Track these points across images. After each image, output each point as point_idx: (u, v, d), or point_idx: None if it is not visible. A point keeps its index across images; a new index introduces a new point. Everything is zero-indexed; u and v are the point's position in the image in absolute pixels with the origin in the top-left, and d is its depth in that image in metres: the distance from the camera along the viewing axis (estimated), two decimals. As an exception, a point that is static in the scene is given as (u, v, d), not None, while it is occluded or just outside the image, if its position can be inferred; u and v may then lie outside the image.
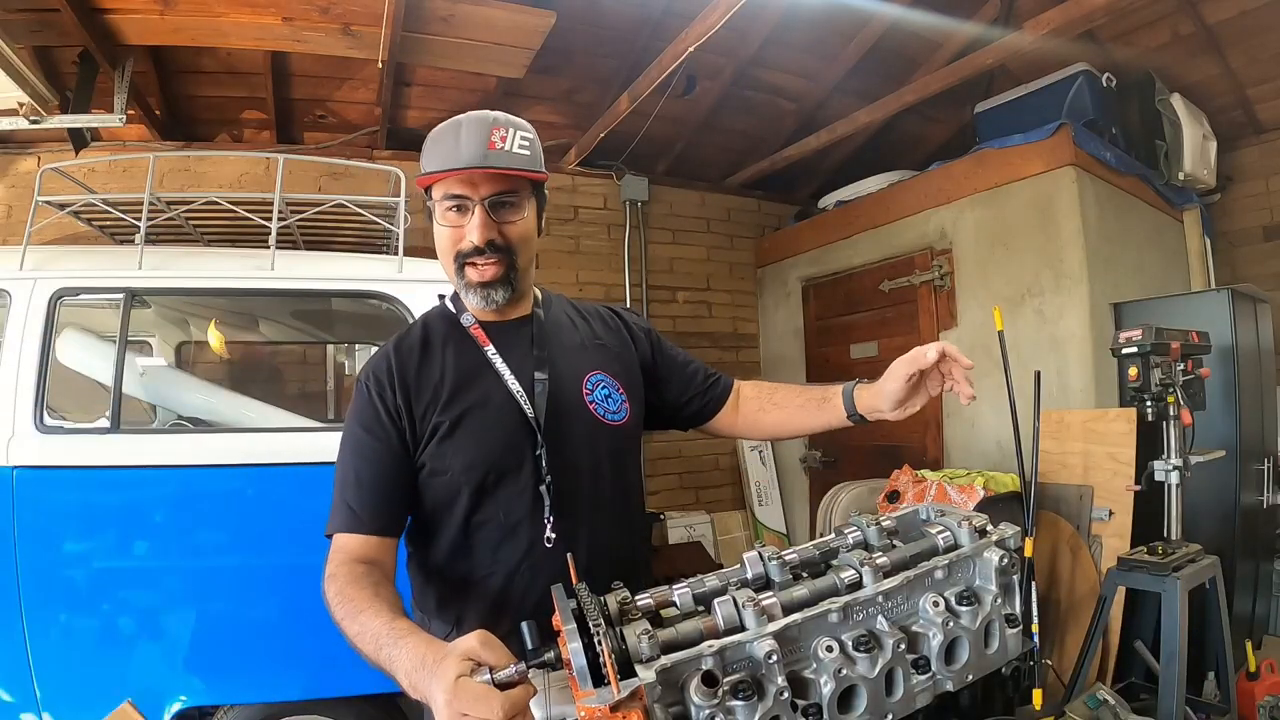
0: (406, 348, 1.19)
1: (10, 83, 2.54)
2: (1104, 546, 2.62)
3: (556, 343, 1.23)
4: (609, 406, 1.21)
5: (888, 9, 3.37)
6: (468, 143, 1.07)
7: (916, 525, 1.01)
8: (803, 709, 0.74)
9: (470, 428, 1.12)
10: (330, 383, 3.80)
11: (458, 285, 1.17)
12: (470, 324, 1.20)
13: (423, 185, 1.14)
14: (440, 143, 1.11)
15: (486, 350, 1.18)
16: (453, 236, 1.12)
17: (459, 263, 1.13)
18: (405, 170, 2.45)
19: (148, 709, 1.87)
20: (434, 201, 1.13)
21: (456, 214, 1.11)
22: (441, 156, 1.09)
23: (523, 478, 1.12)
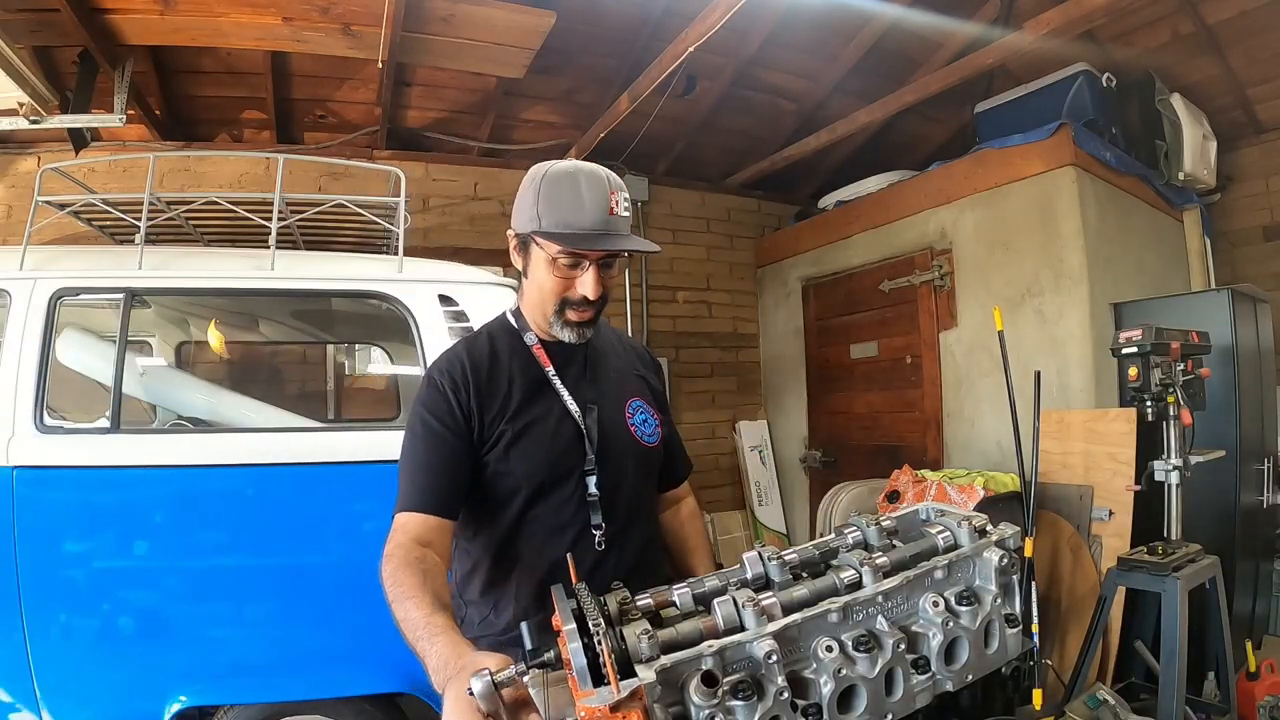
0: (479, 355, 1.28)
1: (10, 83, 2.54)
2: (1104, 546, 2.62)
3: (605, 368, 1.37)
4: (645, 430, 1.35)
5: (888, 9, 3.37)
6: (591, 207, 1.16)
7: (916, 525, 1.01)
8: (802, 709, 0.74)
9: (533, 438, 1.24)
10: (330, 383, 3.80)
11: (553, 319, 1.26)
12: (533, 343, 1.31)
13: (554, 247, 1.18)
14: (559, 198, 1.17)
15: (548, 370, 1.29)
16: (563, 285, 1.22)
17: (560, 306, 1.24)
18: (405, 170, 2.45)
19: (148, 709, 1.87)
20: (542, 250, 1.20)
21: (569, 268, 1.20)
22: (563, 213, 1.16)
23: (573, 486, 1.25)
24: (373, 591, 2.01)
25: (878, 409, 4.11)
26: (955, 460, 3.53)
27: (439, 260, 2.49)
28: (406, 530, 1.15)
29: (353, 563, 2.00)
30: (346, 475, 2.01)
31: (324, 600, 1.98)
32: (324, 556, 1.99)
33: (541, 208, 1.17)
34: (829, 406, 4.50)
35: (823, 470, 4.50)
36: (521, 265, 1.28)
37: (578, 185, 1.16)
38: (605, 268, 1.22)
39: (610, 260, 1.22)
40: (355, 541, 2.00)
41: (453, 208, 4.15)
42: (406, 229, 2.37)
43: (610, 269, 1.23)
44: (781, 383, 4.86)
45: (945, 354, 3.61)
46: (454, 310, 2.15)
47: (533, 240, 1.20)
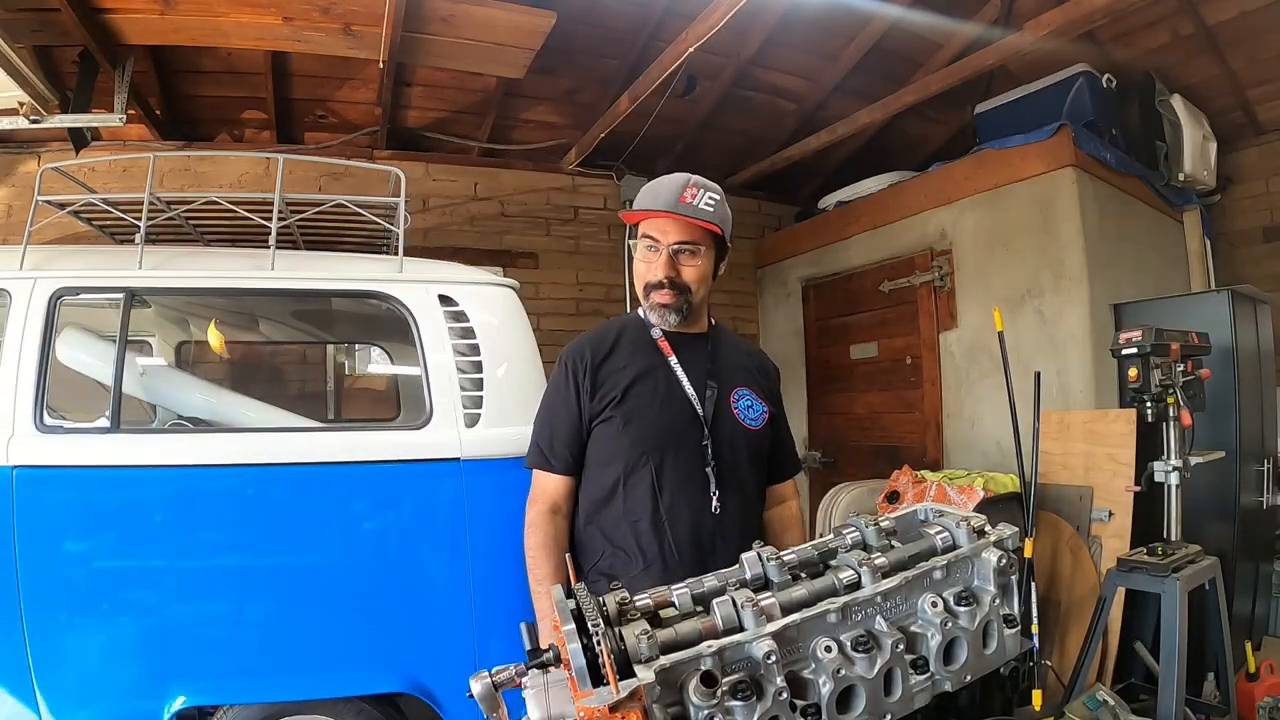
0: (602, 343, 1.52)
1: (10, 82, 2.54)
2: (1104, 547, 2.62)
3: (720, 363, 1.56)
4: (750, 415, 1.53)
5: (888, 9, 3.37)
6: (665, 193, 1.39)
7: (915, 526, 1.02)
8: (801, 709, 0.74)
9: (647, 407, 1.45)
10: (330, 383, 3.80)
11: (646, 306, 1.51)
12: (658, 336, 1.52)
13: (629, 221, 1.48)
14: (647, 191, 1.44)
15: (670, 359, 1.50)
16: (645, 269, 1.46)
17: (646, 289, 1.47)
18: (405, 170, 2.45)
19: (148, 708, 1.87)
20: (634, 237, 1.46)
21: (649, 252, 1.44)
22: (643, 200, 1.43)
23: (692, 458, 1.45)
24: (372, 592, 2.02)
25: (877, 409, 4.11)
26: (955, 461, 3.53)
27: (439, 260, 2.49)
28: (545, 493, 1.49)
29: (353, 563, 2.00)
30: (346, 475, 2.00)
31: (324, 600, 1.97)
32: (324, 556, 1.98)
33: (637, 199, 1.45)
34: (829, 407, 4.50)
35: (822, 471, 4.50)
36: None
37: (660, 180, 1.42)
38: (678, 254, 1.41)
39: (686, 248, 1.41)
40: (355, 541, 2.00)
41: (453, 208, 4.15)
42: (406, 229, 2.37)
43: (687, 257, 1.42)
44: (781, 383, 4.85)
45: (945, 354, 3.61)
46: (454, 310, 2.15)
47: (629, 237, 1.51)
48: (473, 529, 2.03)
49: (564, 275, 4.38)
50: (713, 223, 1.41)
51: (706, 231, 1.43)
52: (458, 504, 2.03)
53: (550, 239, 4.37)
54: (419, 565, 2.04)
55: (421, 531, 2.05)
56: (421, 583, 2.04)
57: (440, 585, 2.04)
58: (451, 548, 2.03)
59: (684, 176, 1.42)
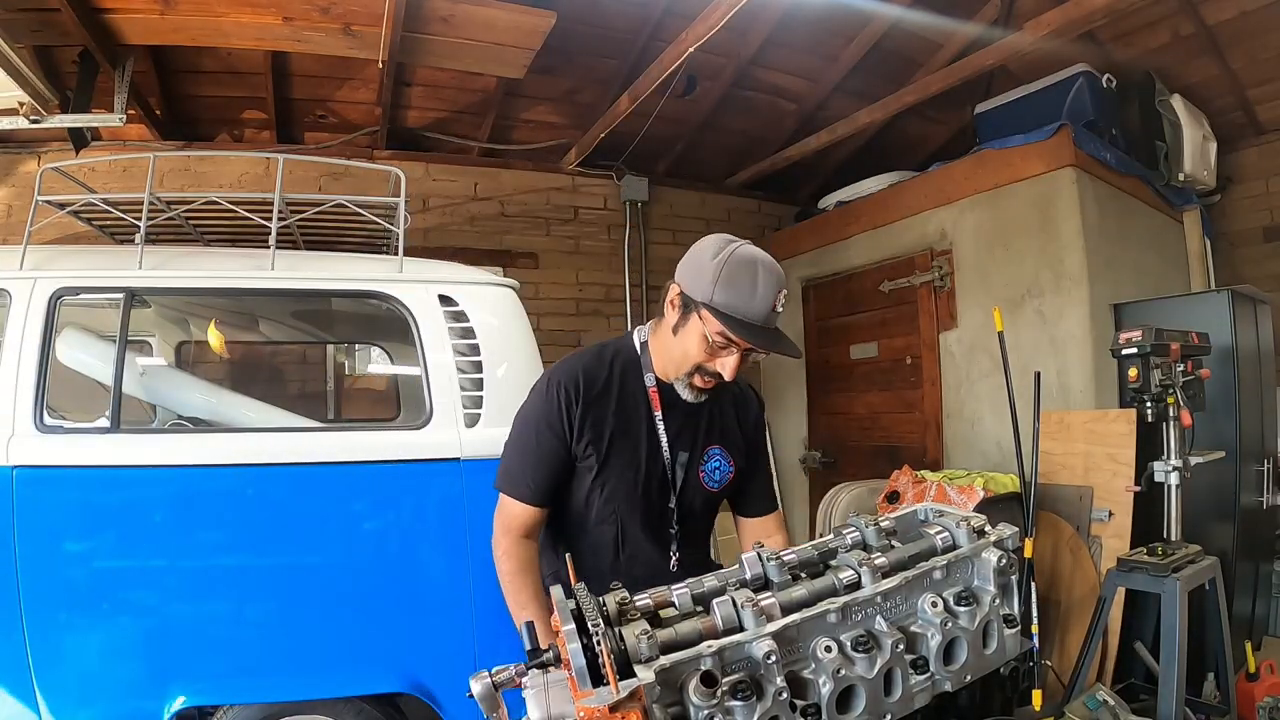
0: (594, 379, 1.44)
1: (10, 82, 2.54)
2: (1104, 547, 2.62)
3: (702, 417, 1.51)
4: (714, 477, 1.52)
5: (888, 9, 3.37)
6: (762, 301, 1.28)
7: (915, 526, 1.02)
8: (801, 709, 0.74)
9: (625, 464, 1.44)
10: (330, 383, 3.80)
11: (680, 375, 1.42)
12: (650, 385, 1.47)
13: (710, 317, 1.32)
14: (738, 283, 1.29)
15: (656, 414, 1.46)
16: (706, 355, 1.36)
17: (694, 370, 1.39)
18: (405, 170, 2.45)
19: (148, 708, 1.87)
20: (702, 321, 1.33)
21: (720, 348, 1.34)
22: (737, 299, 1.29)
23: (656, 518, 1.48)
24: (372, 592, 2.02)
25: (877, 410, 4.11)
26: (955, 461, 3.53)
27: (439, 260, 2.49)
28: (516, 519, 1.42)
29: (353, 563, 2.00)
30: (346, 475, 2.01)
31: (324, 600, 1.98)
32: (324, 556, 1.99)
33: (719, 286, 1.29)
34: (829, 407, 4.50)
35: (822, 471, 4.50)
36: (673, 321, 1.40)
37: (755, 277, 1.29)
38: (746, 355, 1.36)
39: (751, 353, 1.36)
40: (355, 541, 2.01)
41: (453, 208, 4.15)
42: (406, 229, 2.37)
43: (749, 357, 1.38)
44: (781, 383, 4.86)
45: (945, 355, 3.61)
46: (454, 310, 2.15)
47: (697, 309, 1.33)
48: (473, 529, 2.03)
49: (564, 275, 4.38)
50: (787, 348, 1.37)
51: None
52: (458, 504, 2.03)
53: (550, 239, 4.37)
54: (419, 565, 2.05)
55: (421, 531, 2.05)
56: (421, 583, 2.04)
57: (440, 585, 2.04)
58: (451, 548, 2.03)
59: (777, 276, 1.31)
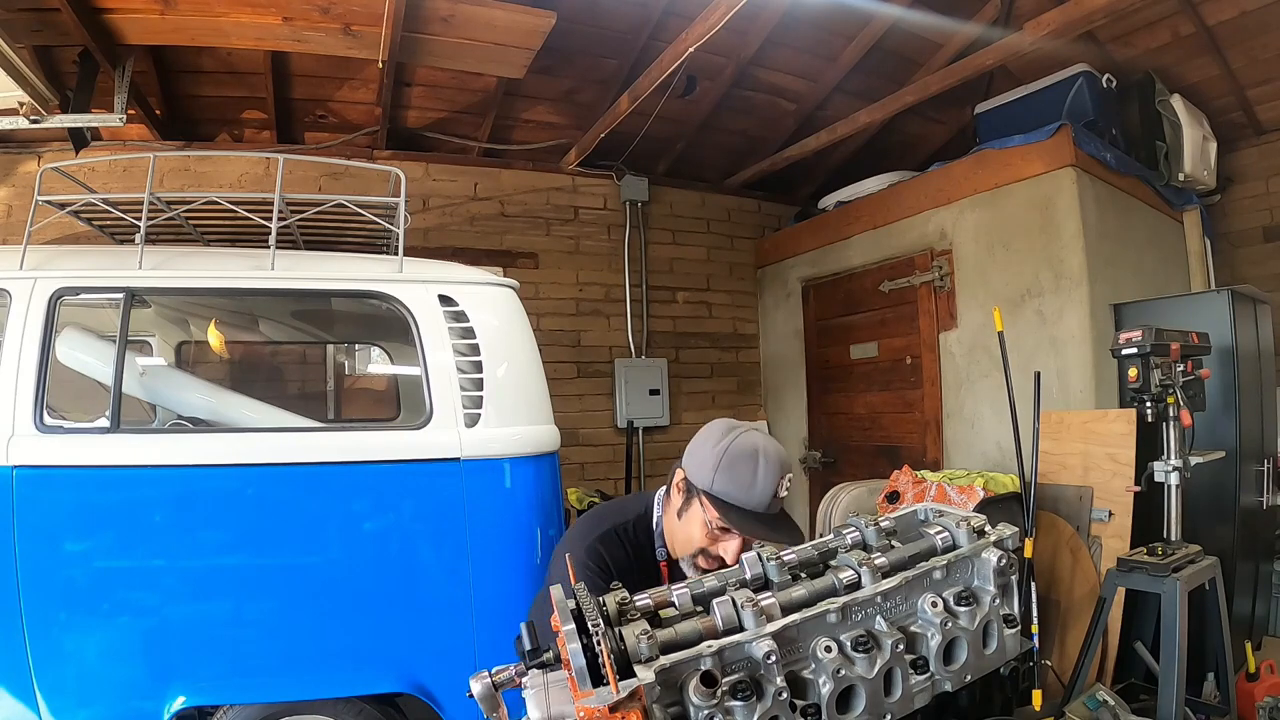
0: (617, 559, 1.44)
1: (10, 82, 2.53)
2: (1104, 547, 2.62)
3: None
4: None
5: (888, 9, 3.37)
6: (761, 491, 1.32)
7: (915, 526, 1.02)
8: (801, 709, 0.74)
9: None
10: (330, 383, 3.80)
11: (684, 560, 1.44)
12: (662, 559, 1.49)
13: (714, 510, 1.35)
14: (737, 474, 1.33)
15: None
16: (708, 540, 1.38)
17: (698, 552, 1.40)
18: (405, 170, 2.45)
19: (148, 708, 1.87)
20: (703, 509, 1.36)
21: (721, 533, 1.36)
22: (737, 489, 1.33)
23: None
24: (372, 592, 2.02)
25: (877, 410, 4.11)
26: (955, 461, 3.53)
27: (439, 260, 2.49)
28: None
29: (353, 563, 2.00)
30: (346, 475, 2.01)
31: (324, 600, 1.98)
32: (324, 557, 1.99)
33: (720, 474, 1.34)
34: (829, 407, 4.50)
35: (822, 471, 4.50)
36: (679, 504, 1.43)
37: (755, 466, 1.33)
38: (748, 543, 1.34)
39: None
40: (355, 542, 2.01)
41: (453, 208, 4.15)
42: (406, 229, 2.37)
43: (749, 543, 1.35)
44: (781, 383, 4.86)
45: (945, 355, 3.62)
46: (454, 310, 2.15)
47: (699, 496, 1.37)
48: (472, 529, 2.03)
49: (564, 275, 4.38)
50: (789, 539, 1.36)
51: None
52: (458, 504, 2.03)
53: (550, 239, 4.37)
54: (419, 565, 2.05)
55: (421, 532, 2.05)
56: (421, 583, 2.04)
57: (440, 585, 2.04)
58: (451, 548, 2.04)
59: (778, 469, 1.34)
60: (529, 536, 2.09)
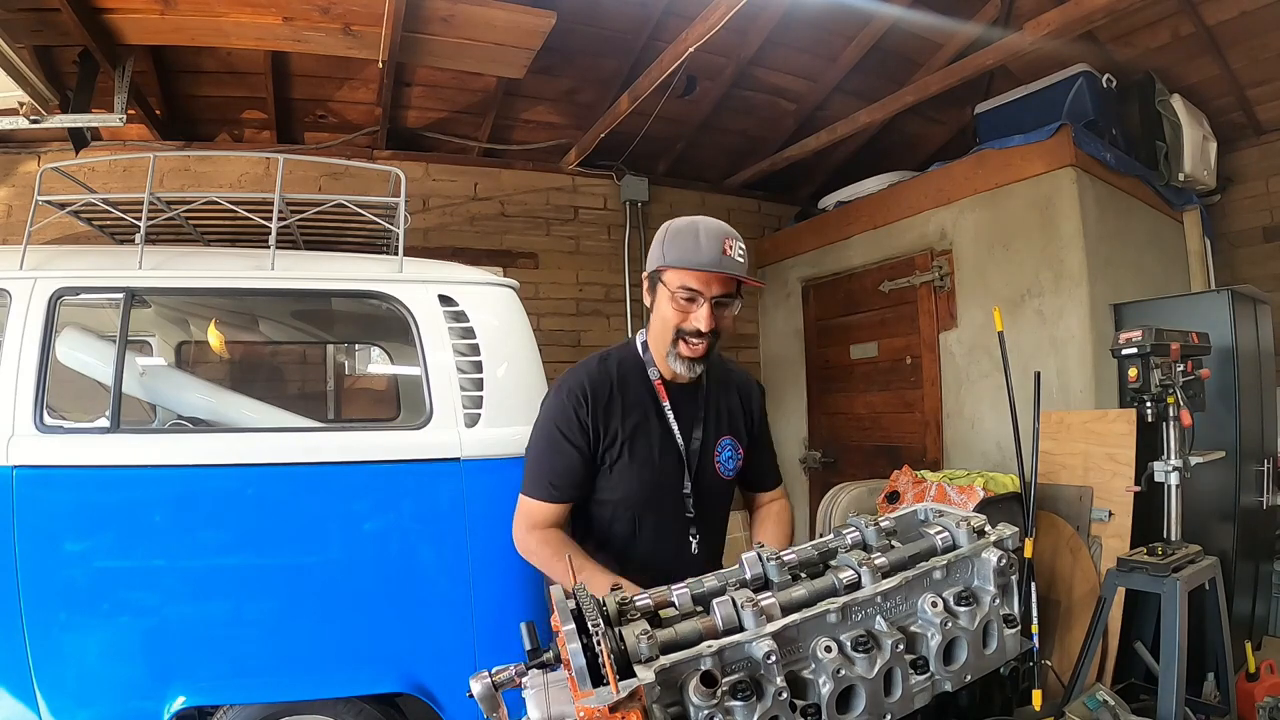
0: (600, 380, 1.51)
1: (10, 82, 2.54)
2: (1104, 547, 2.61)
3: (712, 408, 1.59)
4: (728, 466, 1.60)
5: (888, 9, 3.37)
6: (707, 248, 1.37)
7: (915, 526, 1.02)
8: (801, 709, 0.74)
9: (641, 461, 1.49)
10: (330, 383, 3.80)
11: (668, 352, 1.48)
12: (655, 378, 1.53)
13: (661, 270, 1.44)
14: (681, 240, 1.41)
15: (664, 405, 1.53)
16: (680, 317, 1.43)
17: (677, 336, 1.45)
18: (405, 170, 2.45)
19: (148, 709, 1.87)
20: (666, 286, 1.43)
21: (687, 302, 1.41)
22: (683, 252, 1.39)
23: (675, 503, 1.52)
24: (372, 592, 2.02)
25: (877, 409, 4.11)
26: (955, 461, 3.53)
27: (439, 260, 2.49)
28: (539, 517, 1.48)
29: (352, 563, 2.00)
30: (346, 475, 2.01)
31: (324, 600, 1.98)
32: (324, 556, 1.99)
33: (666, 249, 1.41)
34: (829, 407, 4.50)
35: (822, 471, 4.50)
36: (649, 302, 1.50)
37: (696, 231, 1.39)
38: (719, 306, 1.42)
39: (724, 300, 1.42)
40: (355, 541, 2.01)
41: (453, 208, 4.15)
42: (406, 229, 2.37)
43: (724, 309, 1.43)
44: (781, 383, 4.86)
45: (945, 354, 3.61)
46: (454, 310, 2.15)
47: (659, 279, 1.43)
48: (472, 529, 2.03)
49: (564, 275, 4.38)
50: (747, 277, 1.43)
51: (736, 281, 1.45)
52: (458, 504, 2.03)
53: (550, 239, 4.37)
54: (419, 565, 2.05)
55: (421, 531, 2.05)
56: (421, 583, 2.04)
57: (440, 585, 2.04)
58: (451, 548, 2.04)
59: (720, 228, 1.41)
60: (529, 536, 2.09)
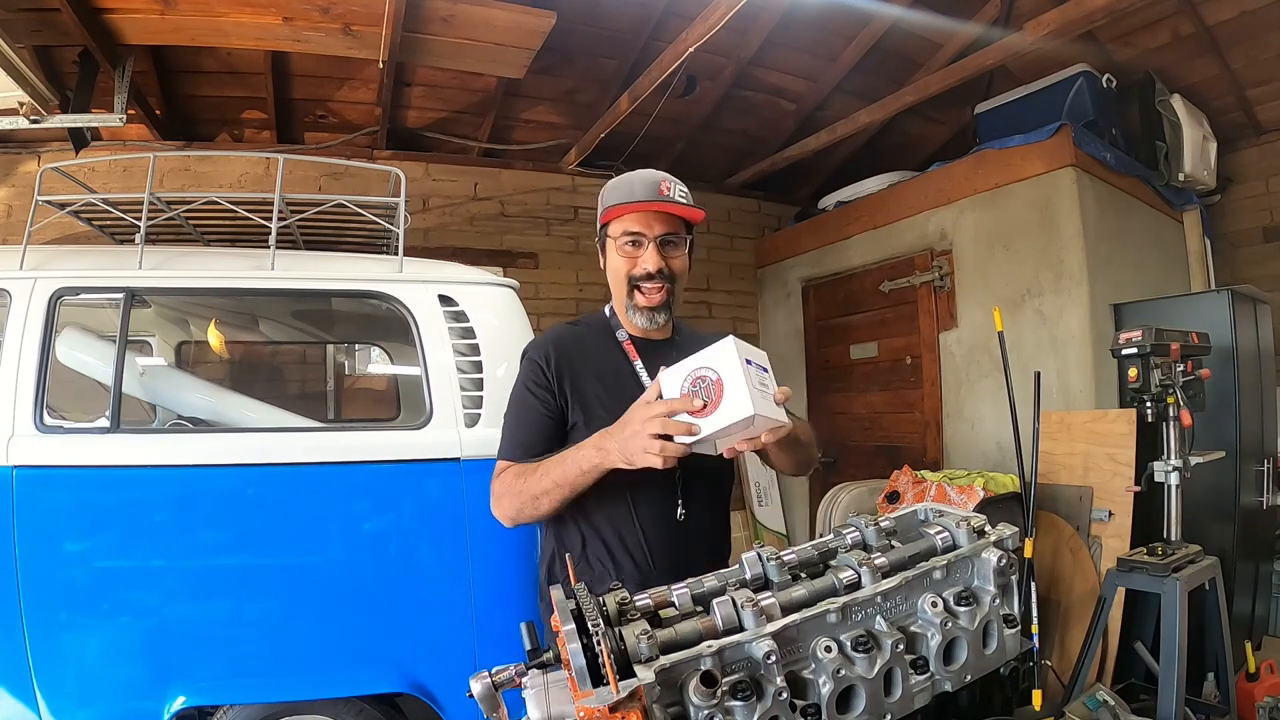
0: (566, 342, 1.46)
1: (10, 82, 2.54)
2: (1104, 547, 2.62)
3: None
4: None
5: (888, 9, 3.37)
6: (642, 189, 1.36)
7: (915, 526, 1.02)
8: (801, 709, 0.74)
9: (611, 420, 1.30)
10: (330, 383, 3.80)
11: (626, 307, 1.44)
12: (624, 339, 1.48)
13: (605, 220, 1.42)
14: (617, 190, 1.40)
15: (635, 364, 1.45)
16: (629, 264, 1.40)
17: (630, 286, 1.41)
18: (405, 170, 2.45)
19: (148, 708, 1.87)
20: (611, 238, 1.41)
21: (633, 248, 1.39)
22: (620, 196, 1.39)
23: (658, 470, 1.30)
24: (372, 592, 2.02)
25: (877, 409, 4.11)
26: (955, 461, 3.53)
27: (439, 260, 2.49)
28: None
29: (352, 563, 2.00)
30: (346, 475, 2.01)
31: (324, 600, 1.98)
32: (324, 556, 1.99)
33: (606, 196, 1.41)
34: (829, 407, 4.50)
35: (822, 471, 4.49)
36: (604, 265, 1.46)
37: (631, 178, 1.39)
38: (666, 246, 1.38)
39: (670, 239, 1.38)
40: (355, 541, 2.01)
41: (453, 208, 4.15)
42: (406, 229, 2.37)
43: (672, 249, 1.39)
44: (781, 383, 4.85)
45: (945, 354, 3.62)
46: (454, 310, 2.15)
47: (605, 233, 1.41)
48: (472, 529, 2.03)
49: (564, 275, 4.38)
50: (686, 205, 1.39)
51: (682, 222, 1.42)
52: (457, 504, 2.03)
53: (550, 239, 4.37)
54: (419, 565, 2.05)
55: (421, 531, 2.05)
56: (421, 583, 2.04)
57: (440, 585, 2.05)
58: (451, 548, 2.04)
59: (655, 172, 1.40)
60: (529, 536, 2.09)
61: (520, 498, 1.32)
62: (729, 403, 1.05)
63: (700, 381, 1.08)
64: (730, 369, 1.06)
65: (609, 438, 1.19)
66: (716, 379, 1.06)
